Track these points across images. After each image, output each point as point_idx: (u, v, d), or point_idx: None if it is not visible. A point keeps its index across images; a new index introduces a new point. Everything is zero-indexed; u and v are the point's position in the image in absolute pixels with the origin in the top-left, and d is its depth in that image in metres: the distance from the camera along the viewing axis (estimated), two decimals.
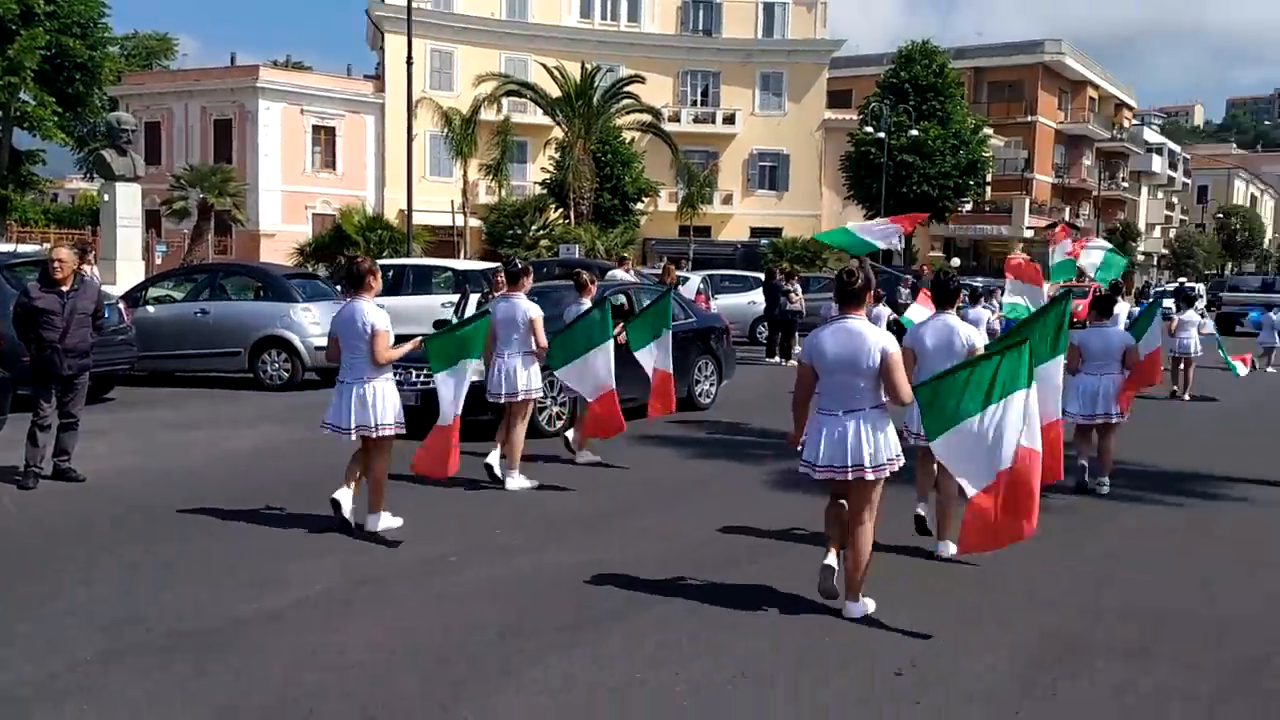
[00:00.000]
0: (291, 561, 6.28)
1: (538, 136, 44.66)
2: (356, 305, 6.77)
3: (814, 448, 5.37)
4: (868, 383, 5.24)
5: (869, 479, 5.29)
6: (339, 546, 6.63)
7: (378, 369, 6.74)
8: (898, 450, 5.40)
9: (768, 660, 4.92)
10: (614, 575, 6.15)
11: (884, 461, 5.30)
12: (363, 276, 6.85)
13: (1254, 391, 17.27)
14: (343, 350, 6.83)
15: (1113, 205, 69.08)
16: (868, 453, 5.24)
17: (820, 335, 5.39)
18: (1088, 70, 63.14)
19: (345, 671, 4.69)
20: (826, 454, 5.31)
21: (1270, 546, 7.33)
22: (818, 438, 5.36)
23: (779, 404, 12.93)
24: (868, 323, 5.39)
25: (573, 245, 31.09)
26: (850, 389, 5.27)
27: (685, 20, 52.05)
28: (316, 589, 5.78)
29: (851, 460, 5.25)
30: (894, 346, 5.30)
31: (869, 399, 5.28)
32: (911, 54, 42.58)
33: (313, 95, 43.77)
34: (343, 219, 31.42)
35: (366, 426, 6.70)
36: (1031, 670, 4.89)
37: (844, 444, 5.26)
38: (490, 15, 47.54)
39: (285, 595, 5.67)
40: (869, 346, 5.20)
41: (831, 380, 5.33)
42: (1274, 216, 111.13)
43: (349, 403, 6.72)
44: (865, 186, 41.63)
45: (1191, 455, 10.77)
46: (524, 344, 8.45)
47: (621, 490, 8.62)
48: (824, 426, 5.35)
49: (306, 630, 5.18)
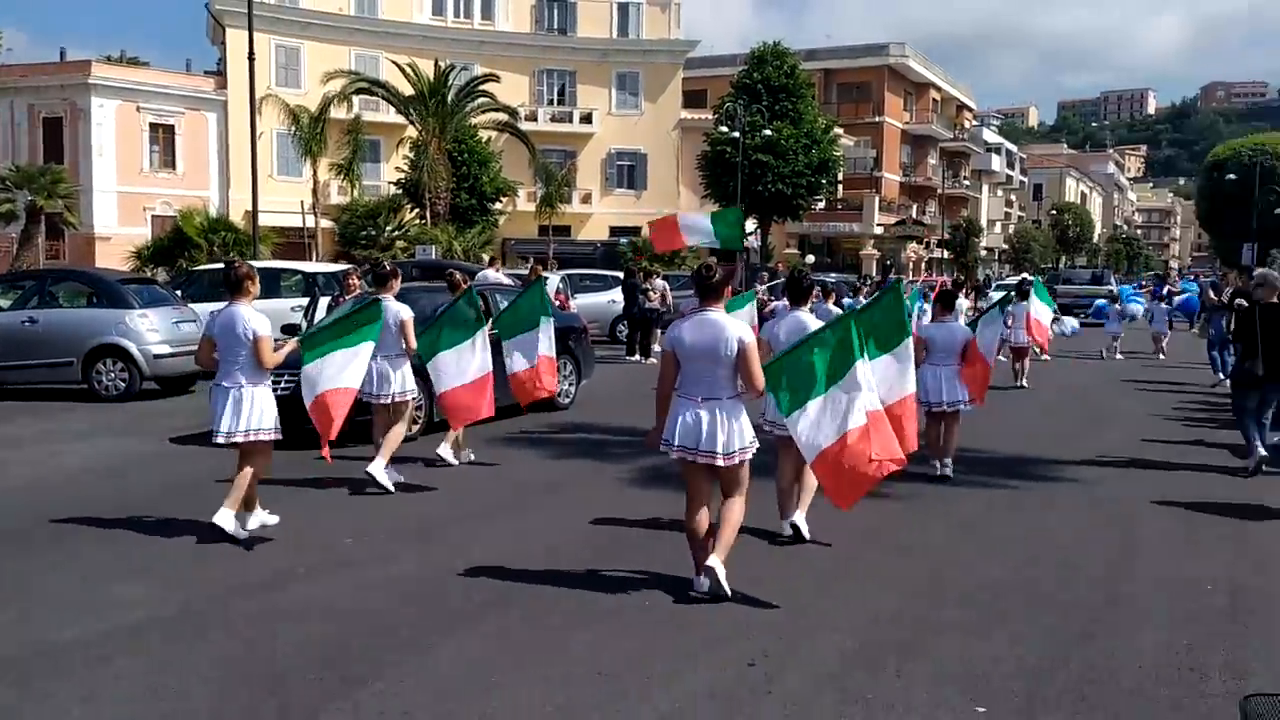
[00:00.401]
0: (118, 584, 5.95)
1: (391, 135, 43.78)
2: (236, 310, 6.76)
3: (671, 428, 5.61)
4: (725, 371, 5.49)
5: (719, 465, 5.54)
6: (171, 565, 6.34)
7: (256, 373, 6.77)
8: (750, 439, 5.65)
9: (623, 657, 4.91)
10: (465, 580, 6.07)
11: (735, 449, 5.54)
12: (241, 281, 6.85)
13: (1084, 377, 18.25)
14: (220, 355, 6.82)
15: (956, 202, 71.97)
16: (720, 440, 5.49)
17: (681, 326, 5.63)
18: (930, 73, 65.64)
19: (165, 703, 4.46)
20: (681, 436, 5.55)
21: (1096, 526, 7.71)
22: (675, 421, 5.60)
23: (638, 401, 13.03)
24: (725, 314, 5.63)
25: (429, 246, 30.59)
26: (709, 377, 5.51)
27: (540, 19, 51.85)
28: (141, 613, 5.48)
29: (704, 445, 5.51)
30: (750, 337, 5.55)
31: (726, 389, 5.53)
32: (764, 55, 43.36)
33: (150, 92, 41.81)
34: (183, 221, 30.03)
35: (235, 432, 6.71)
36: (878, 653, 5.02)
37: (699, 429, 5.51)
38: (338, 11, 46.33)
39: (107, 620, 5.35)
40: (727, 336, 5.44)
41: (691, 369, 5.55)
42: (1102, 212, 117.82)
43: (225, 407, 6.73)
44: (722, 185, 42.20)
45: (1025, 441, 11.29)
46: (395, 346, 8.39)
47: (480, 493, 8.52)
48: (682, 411, 5.58)
49: (128, 657, 4.91)
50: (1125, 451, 10.74)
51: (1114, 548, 7.07)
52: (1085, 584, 6.18)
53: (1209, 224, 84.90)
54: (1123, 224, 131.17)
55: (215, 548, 6.61)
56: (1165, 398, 15.28)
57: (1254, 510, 8.12)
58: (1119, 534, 7.45)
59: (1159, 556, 6.86)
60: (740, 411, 5.61)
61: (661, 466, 9.48)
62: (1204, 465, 10.06)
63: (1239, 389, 9.92)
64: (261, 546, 6.71)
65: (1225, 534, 7.45)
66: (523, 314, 9.52)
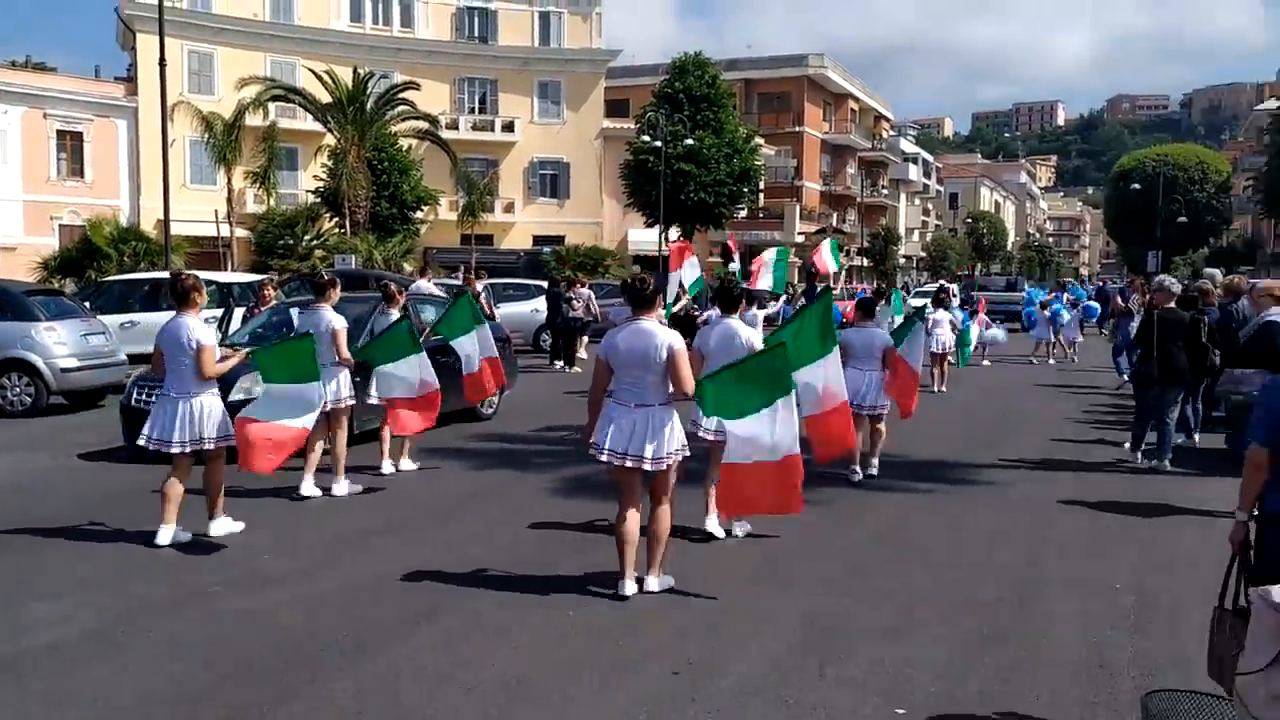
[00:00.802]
0: (31, 603, 5.77)
1: (309, 143, 43.09)
2: (181, 321, 6.94)
3: (603, 433, 5.79)
4: (656, 378, 5.72)
5: (647, 469, 5.74)
6: (84, 583, 6.16)
7: (203, 383, 6.95)
8: (680, 445, 5.86)
9: (549, 668, 4.90)
10: (387, 595, 6.00)
11: (664, 454, 5.75)
12: (187, 293, 7.02)
13: (999, 381, 18.70)
14: (167, 365, 6.99)
15: (875, 211, 73.24)
16: (650, 446, 5.70)
17: (616, 335, 5.86)
18: (849, 84, 66.73)
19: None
20: (613, 441, 5.75)
21: (1011, 528, 7.91)
22: (607, 425, 5.78)
23: (560, 409, 13.03)
24: (657, 323, 5.84)
25: (349, 255, 30.19)
26: (641, 384, 5.74)
27: (460, 27, 51.54)
28: (55, 632, 5.33)
29: (633, 450, 5.71)
30: (680, 344, 5.77)
31: (657, 395, 5.75)
32: (685, 65, 43.65)
33: (57, 98, 40.58)
34: (92, 230, 29.20)
35: (199, 440, 6.92)
36: (801, 656, 5.09)
37: (629, 435, 5.71)
38: (253, 16, 45.49)
39: (18, 641, 5.20)
40: (657, 343, 5.68)
41: (625, 376, 5.78)
42: (1015, 221, 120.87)
43: (173, 417, 6.89)
44: (644, 194, 42.37)
45: (943, 445, 11.53)
46: (329, 355, 8.46)
47: (403, 505, 8.42)
48: (615, 416, 5.78)
49: (41, 679, 4.76)
50: (1037, 453, 11.04)
51: (1027, 549, 7.25)
52: (1000, 585, 6.33)
53: (1116, 232, 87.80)
54: (1035, 232, 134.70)
55: (130, 566, 6.45)
56: (1075, 400, 15.72)
57: (1158, 510, 8.40)
58: (1032, 536, 7.65)
59: (1070, 557, 7.06)
60: (671, 417, 5.81)
61: (585, 475, 9.50)
62: (1111, 466, 10.39)
63: (1139, 390, 10.57)
64: (178, 564, 6.55)
65: (1131, 534, 7.69)
66: (456, 323, 9.76)
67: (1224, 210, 77.50)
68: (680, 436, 5.85)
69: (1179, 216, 69.49)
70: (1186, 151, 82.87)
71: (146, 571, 6.38)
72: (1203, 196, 76.10)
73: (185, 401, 6.89)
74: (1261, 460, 4.05)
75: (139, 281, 19.31)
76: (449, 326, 9.84)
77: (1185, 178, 76.05)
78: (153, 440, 6.97)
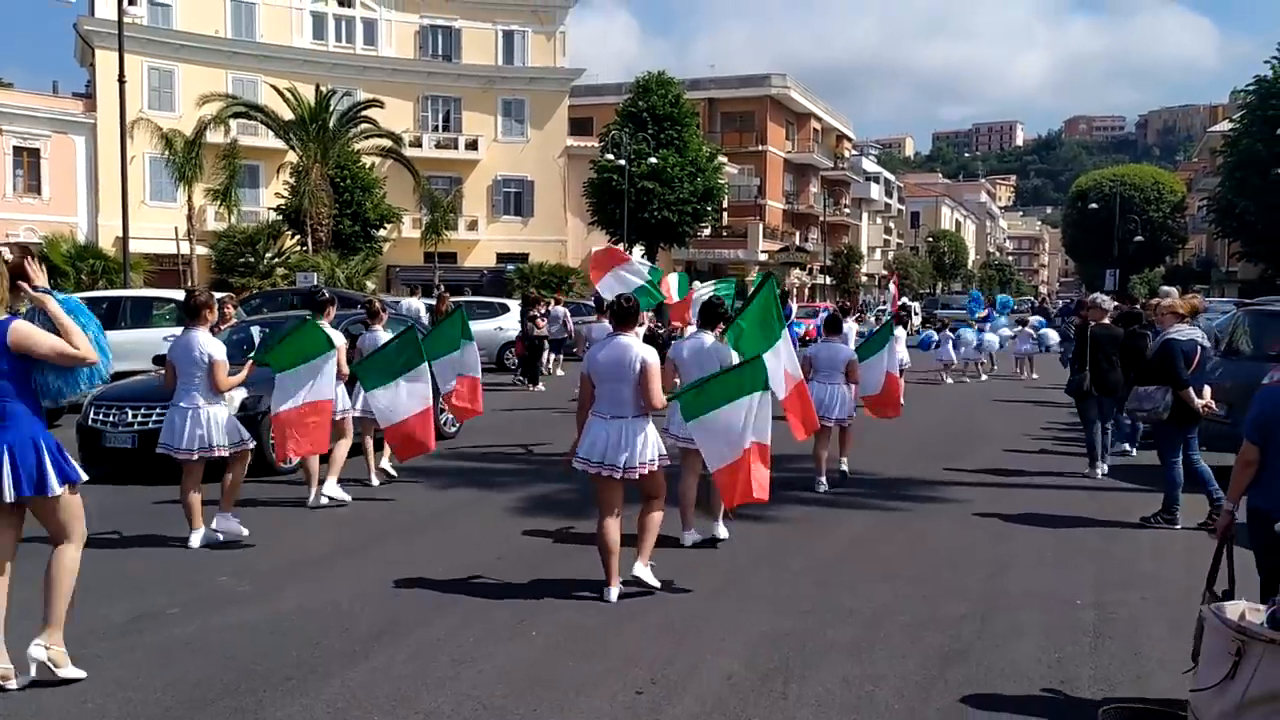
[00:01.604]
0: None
1: (270, 160, 42.82)
2: (193, 335, 7.35)
3: (585, 443, 6.12)
4: (629, 390, 6.02)
5: (617, 478, 6.02)
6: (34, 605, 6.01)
7: (214, 395, 7.37)
8: (657, 454, 6.16)
9: (511, 688, 4.85)
10: (347, 615, 5.92)
11: (637, 464, 6.03)
12: (199, 309, 7.42)
13: (961, 398, 18.85)
14: (178, 377, 7.37)
15: (838, 230, 73.83)
16: (623, 455, 5.99)
17: (598, 350, 6.20)
18: (810, 103, 67.29)
19: None
20: (586, 450, 6.09)
21: (975, 546, 7.95)
22: (589, 436, 6.11)
23: (523, 426, 12.97)
24: (635, 338, 6.18)
25: (311, 273, 29.97)
26: (616, 396, 6.05)
27: (424, 45, 51.48)
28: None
29: (607, 459, 6.01)
30: (653, 358, 6.09)
31: (631, 406, 6.04)
32: (649, 84, 43.82)
33: (13, 114, 39.99)
34: (49, 248, 28.76)
35: (209, 448, 7.34)
36: (764, 675, 5.07)
37: (604, 445, 6.02)
38: (214, 33, 45.19)
39: None
40: (632, 358, 6.00)
41: (604, 388, 6.10)
42: (976, 240, 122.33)
43: (184, 426, 7.31)
44: (608, 212, 42.44)
45: (906, 462, 11.58)
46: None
47: (365, 524, 8.33)
48: (594, 427, 6.11)
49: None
50: (998, 469, 11.14)
51: (989, 565, 7.29)
52: (963, 601, 6.35)
53: (1074, 251, 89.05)
54: (995, 250, 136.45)
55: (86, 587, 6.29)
56: (1033, 416, 15.87)
57: (1116, 525, 8.48)
58: (994, 551, 7.69)
59: (1030, 572, 7.10)
60: (644, 427, 6.09)
61: (547, 494, 9.46)
62: (1070, 483, 10.49)
63: (1078, 402, 10.94)
64: (136, 584, 6.43)
65: (1091, 549, 7.76)
66: (443, 340, 9.88)
67: (1179, 230, 78.82)
68: (656, 447, 6.15)
69: (1136, 236, 70.56)
70: (1143, 172, 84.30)
71: (104, 593, 6.24)
72: (1159, 216, 77.37)
73: (194, 412, 7.32)
74: (1252, 457, 4.32)
75: (97, 300, 19.01)
76: (438, 342, 9.81)
77: (1142, 198, 77.31)
78: (164, 447, 7.45)
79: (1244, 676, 3.55)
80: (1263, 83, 46.46)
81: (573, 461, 6.19)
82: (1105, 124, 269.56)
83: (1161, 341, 8.57)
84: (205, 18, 44.97)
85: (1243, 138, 47.54)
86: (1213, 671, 3.63)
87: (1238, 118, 50.10)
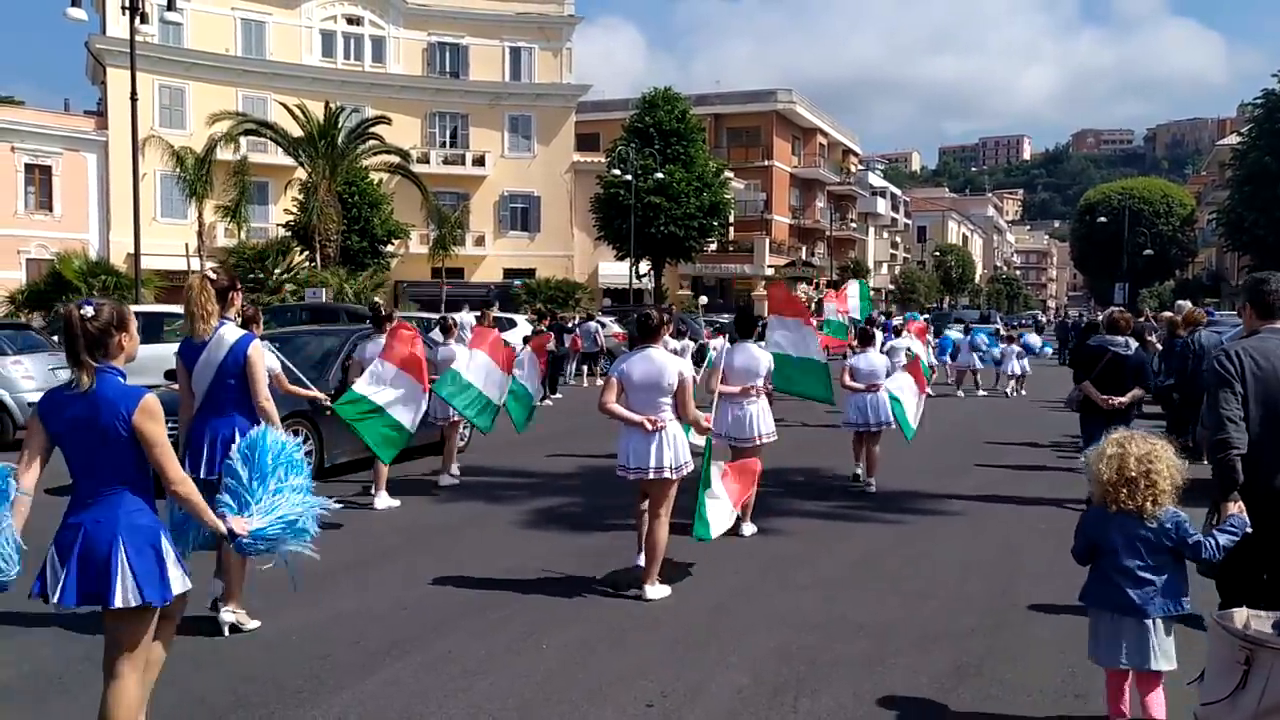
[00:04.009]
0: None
1: (279, 177, 43.03)
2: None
3: (624, 454, 6.56)
4: (667, 400, 6.46)
5: (666, 478, 6.47)
6: (27, 625, 6.02)
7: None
8: (687, 459, 6.60)
9: (520, 701, 4.84)
10: (354, 630, 5.92)
11: (677, 465, 6.50)
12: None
13: (970, 412, 18.80)
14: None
15: (844, 244, 73.83)
16: (668, 458, 6.45)
17: (629, 361, 6.61)
18: (817, 118, 67.41)
19: None
20: (634, 459, 6.49)
21: (983, 557, 7.93)
22: (627, 446, 6.53)
23: (531, 443, 12.96)
24: (665, 352, 6.63)
25: (319, 289, 30.06)
26: (651, 405, 6.45)
27: (432, 62, 51.75)
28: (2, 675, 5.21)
29: (653, 463, 6.44)
30: (689, 372, 6.58)
31: (665, 414, 6.47)
32: (655, 100, 43.96)
33: (25, 131, 40.32)
34: (61, 264, 28.97)
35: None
36: (774, 689, 5.05)
37: (647, 450, 6.43)
38: (225, 51, 45.53)
39: None
40: (669, 370, 6.47)
41: (636, 398, 6.49)
42: (983, 254, 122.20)
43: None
44: (615, 227, 42.54)
45: (915, 476, 11.55)
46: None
47: (371, 538, 8.33)
48: (632, 435, 6.49)
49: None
50: (1006, 481, 11.10)
51: (999, 578, 7.26)
52: (974, 615, 6.33)
53: (1083, 265, 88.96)
54: (1003, 265, 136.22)
55: None
56: (1041, 430, 15.81)
57: None
58: (1003, 564, 7.66)
59: (1042, 586, 7.06)
60: (678, 430, 6.57)
61: (555, 507, 9.46)
62: (1078, 495, 10.42)
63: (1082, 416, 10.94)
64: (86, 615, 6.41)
65: None
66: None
67: (1189, 243, 78.71)
68: (686, 451, 6.58)
69: (1145, 249, 70.48)
70: (1151, 185, 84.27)
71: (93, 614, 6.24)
72: (1168, 229, 77.32)
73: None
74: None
75: None
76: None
77: (1150, 211, 77.28)
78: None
79: (1256, 686, 3.52)
80: (1270, 96, 46.48)
81: (625, 474, 6.58)
82: (1113, 138, 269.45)
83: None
84: (216, 36, 45.32)
85: (1251, 151, 47.53)
86: (1222, 683, 3.61)
87: (1246, 131, 50.08)
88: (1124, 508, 4.22)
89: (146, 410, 3.69)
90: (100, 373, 3.68)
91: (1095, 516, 4.45)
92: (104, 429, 3.65)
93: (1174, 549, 4.22)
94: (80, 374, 3.67)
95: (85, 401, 3.66)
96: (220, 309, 5.53)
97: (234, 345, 5.52)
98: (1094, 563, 4.46)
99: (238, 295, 5.90)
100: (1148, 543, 4.21)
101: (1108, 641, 4.30)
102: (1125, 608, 4.22)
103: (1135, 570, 4.21)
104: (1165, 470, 4.17)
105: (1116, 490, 4.22)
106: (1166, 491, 4.17)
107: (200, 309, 5.41)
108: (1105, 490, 4.26)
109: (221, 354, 5.52)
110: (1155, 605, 4.19)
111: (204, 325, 5.44)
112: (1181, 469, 4.22)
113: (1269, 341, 4.56)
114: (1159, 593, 4.19)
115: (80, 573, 3.70)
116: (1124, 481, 4.19)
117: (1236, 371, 4.44)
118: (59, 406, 3.72)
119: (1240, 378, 4.44)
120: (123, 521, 3.72)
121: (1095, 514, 4.46)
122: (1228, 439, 4.33)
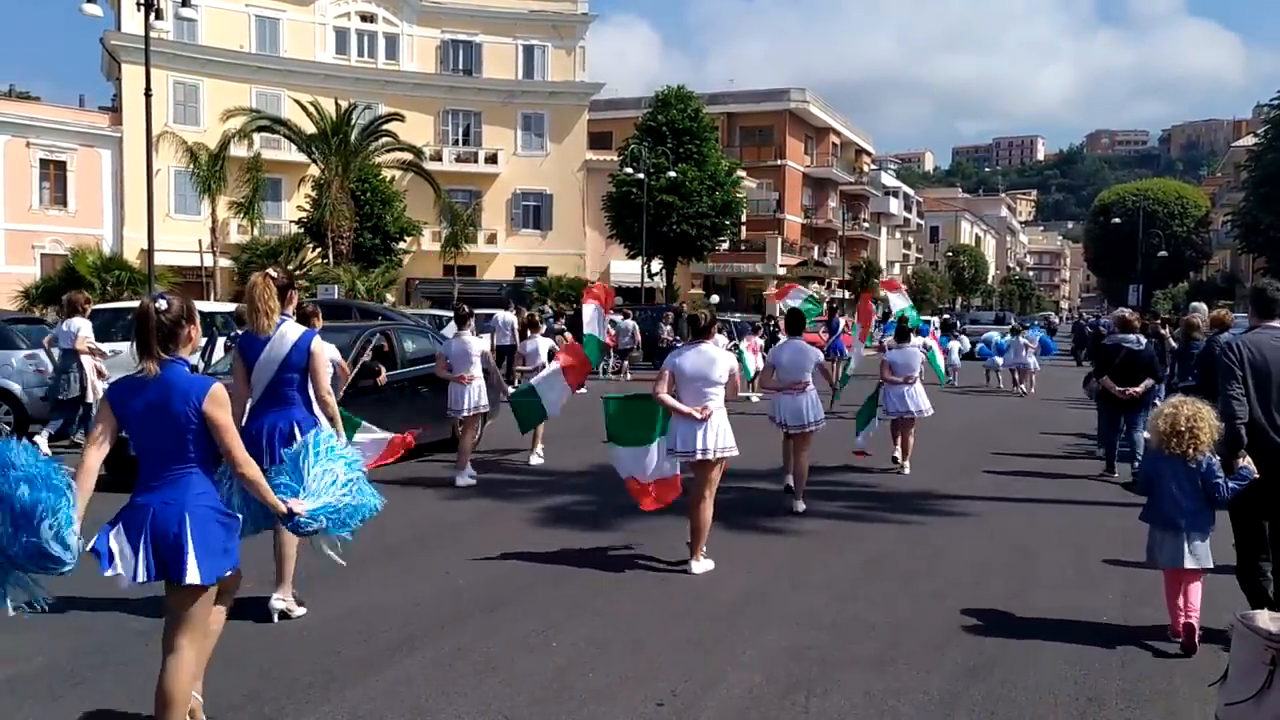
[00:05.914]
0: None
1: (292, 174, 43.17)
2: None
3: (674, 438, 7.17)
4: (715, 390, 7.08)
5: (711, 460, 7.07)
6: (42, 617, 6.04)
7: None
8: (732, 444, 7.17)
9: (531, 699, 4.83)
10: (364, 625, 5.92)
11: (721, 447, 7.09)
12: (307, 319, 7.16)
13: (982, 412, 18.73)
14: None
15: (856, 244, 73.59)
16: (713, 441, 7.05)
17: (682, 355, 7.20)
18: (830, 118, 67.24)
19: None
20: (682, 443, 7.10)
21: (995, 558, 7.89)
22: (675, 432, 7.16)
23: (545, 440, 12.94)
24: (715, 347, 7.27)
25: (332, 286, 30.13)
26: (701, 396, 7.06)
27: (445, 60, 51.80)
28: (12, 669, 5.23)
29: (700, 445, 7.04)
30: (735, 365, 7.37)
31: (715, 403, 7.10)
32: (668, 99, 43.89)
33: (41, 127, 40.52)
34: (75, 259, 29.13)
35: None
36: (786, 688, 5.03)
37: (694, 435, 7.05)
38: (239, 48, 45.66)
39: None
40: (719, 363, 7.14)
41: (688, 389, 7.10)
42: (996, 254, 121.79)
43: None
44: (627, 226, 42.50)
45: (928, 476, 11.52)
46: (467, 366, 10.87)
47: (380, 534, 8.30)
48: (681, 422, 7.10)
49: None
50: (1020, 483, 11.05)
51: (1012, 580, 7.22)
52: (985, 616, 6.30)
53: (1097, 266, 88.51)
54: (1015, 266, 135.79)
55: (94, 601, 6.32)
56: (1055, 431, 15.75)
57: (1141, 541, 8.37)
58: (1016, 566, 7.62)
59: (1055, 588, 7.03)
60: (724, 417, 7.16)
61: (565, 505, 9.45)
62: (1092, 497, 10.40)
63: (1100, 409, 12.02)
64: (154, 595, 6.42)
65: (1115, 563, 7.67)
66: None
67: (1204, 245, 78.25)
68: (730, 438, 7.13)
69: (1159, 251, 70.11)
70: (1166, 186, 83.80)
71: (123, 601, 6.26)
72: (1183, 231, 76.86)
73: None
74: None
75: (122, 310, 19.16)
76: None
77: (1165, 212, 76.82)
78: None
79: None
80: None
81: (680, 458, 7.20)
82: (1128, 138, 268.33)
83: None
84: (230, 33, 45.46)
85: (1267, 152, 47.26)
86: (1246, 683, 3.58)
87: (1261, 132, 49.79)
88: (1174, 452, 5.56)
89: (215, 398, 3.91)
90: (170, 363, 3.89)
91: (1152, 457, 5.86)
92: (175, 415, 3.87)
93: (1206, 489, 5.52)
94: (149, 364, 3.87)
95: (157, 389, 3.87)
96: (280, 306, 5.69)
97: (297, 341, 5.70)
98: (1150, 492, 5.79)
99: (295, 293, 6.11)
100: (1191, 478, 5.57)
101: (1157, 549, 5.74)
102: (1169, 525, 5.63)
103: (1179, 498, 5.59)
104: (1206, 427, 5.47)
105: (1169, 439, 5.53)
106: (1205, 443, 5.48)
107: (264, 305, 5.54)
108: (1161, 438, 5.58)
109: (285, 349, 5.69)
110: (1190, 524, 5.57)
111: (267, 321, 5.58)
112: (1218, 428, 5.44)
113: (1262, 335, 5.69)
114: (1194, 516, 5.58)
115: (152, 551, 3.92)
116: (1174, 433, 5.52)
117: (1237, 359, 5.57)
118: (130, 393, 3.92)
119: (1240, 364, 5.55)
120: (190, 502, 3.94)
121: (1153, 456, 5.83)
122: (1233, 411, 5.48)
